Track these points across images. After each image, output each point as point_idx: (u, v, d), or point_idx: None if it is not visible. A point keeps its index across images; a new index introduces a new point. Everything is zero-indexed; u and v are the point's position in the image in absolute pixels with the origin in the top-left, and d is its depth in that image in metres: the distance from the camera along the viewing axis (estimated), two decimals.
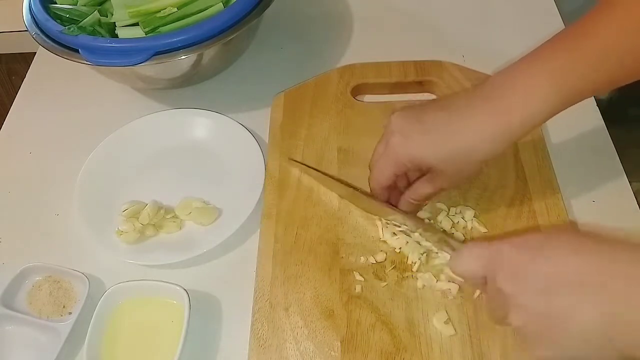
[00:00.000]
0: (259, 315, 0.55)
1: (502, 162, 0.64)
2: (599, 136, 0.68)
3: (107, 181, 0.69)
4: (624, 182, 0.64)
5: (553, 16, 0.83)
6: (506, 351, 0.51)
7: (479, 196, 0.61)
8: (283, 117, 0.71)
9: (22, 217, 0.69)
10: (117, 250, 0.62)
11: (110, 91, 0.80)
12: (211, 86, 0.79)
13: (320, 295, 0.56)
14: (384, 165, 0.54)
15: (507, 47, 0.78)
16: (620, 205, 0.62)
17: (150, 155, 0.72)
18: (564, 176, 0.63)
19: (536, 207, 0.60)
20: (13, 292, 0.60)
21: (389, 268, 0.57)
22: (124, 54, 0.65)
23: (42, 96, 0.82)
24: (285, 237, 0.60)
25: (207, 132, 0.73)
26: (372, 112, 0.70)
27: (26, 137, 0.77)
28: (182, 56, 0.65)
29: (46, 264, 0.62)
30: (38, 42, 0.69)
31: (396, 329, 0.53)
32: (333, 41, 0.83)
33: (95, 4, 0.74)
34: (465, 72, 0.73)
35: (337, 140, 0.68)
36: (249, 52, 0.80)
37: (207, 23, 0.66)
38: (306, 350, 0.53)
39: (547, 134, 0.68)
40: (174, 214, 0.65)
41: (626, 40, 0.46)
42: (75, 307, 0.59)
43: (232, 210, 0.64)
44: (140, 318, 0.57)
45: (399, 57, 0.75)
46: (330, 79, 0.74)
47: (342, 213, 0.62)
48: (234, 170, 0.69)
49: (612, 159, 0.66)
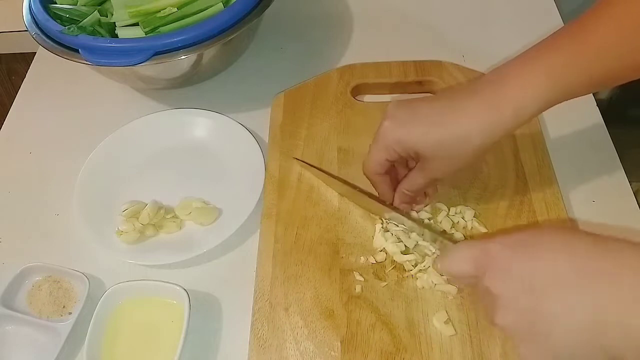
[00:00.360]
0: (259, 315, 0.55)
1: (502, 162, 0.64)
2: (598, 136, 0.68)
3: (107, 181, 0.69)
4: (624, 182, 0.64)
5: (553, 16, 0.83)
6: (506, 351, 0.51)
7: (479, 196, 0.61)
8: (283, 117, 0.71)
9: (22, 217, 0.69)
10: (117, 250, 0.62)
11: (110, 91, 0.80)
12: (211, 86, 0.79)
13: (320, 295, 0.56)
14: (375, 150, 0.54)
15: (507, 47, 0.77)
16: (620, 205, 0.62)
17: (150, 155, 0.72)
18: (563, 176, 0.63)
19: (536, 206, 0.60)
20: (13, 292, 0.60)
21: (389, 268, 0.57)
22: (124, 54, 0.65)
23: (42, 96, 0.82)
24: (285, 237, 0.60)
25: (207, 132, 0.73)
26: (372, 112, 0.70)
27: (26, 137, 0.77)
28: (182, 56, 0.65)
29: (46, 264, 0.62)
30: (38, 42, 0.69)
31: (396, 329, 0.53)
32: (333, 41, 0.83)
33: (95, 4, 0.74)
34: (465, 72, 0.73)
35: (337, 140, 0.68)
36: (249, 52, 0.80)
37: (207, 23, 0.66)
38: (306, 350, 0.53)
39: (547, 134, 0.68)
40: (174, 214, 0.65)
41: (624, 39, 0.46)
42: (75, 307, 0.59)
43: (232, 210, 0.64)
44: (140, 318, 0.57)
45: (399, 57, 0.76)
46: (330, 79, 0.74)
47: (342, 213, 0.62)
48: (234, 170, 0.69)
49: (612, 159, 0.66)
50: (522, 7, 0.85)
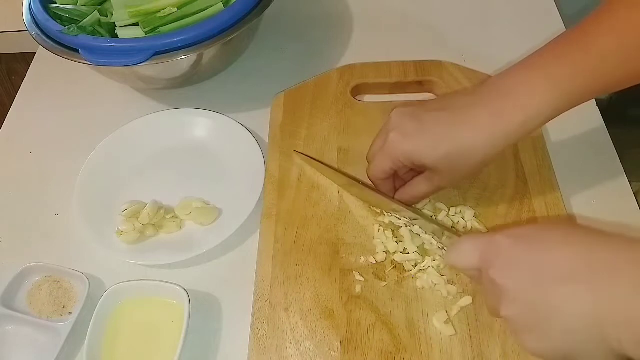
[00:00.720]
0: (259, 315, 0.55)
1: (502, 162, 0.64)
2: (599, 136, 0.68)
3: (107, 181, 0.69)
4: (624, 182, 0.64)
5: (553, 16, 0.83)
6: (506, 351, 0.51)
7: (479, 196, 0.61)
8: (283, 117, 0.71)
9: (22, 217, 0.69)
10: (117, 250, 0.62)
11: (110, 91, 0.80)
12: (211, 86, 0.79)
13: (320, 295, 0.56)
14: (381, 160, 0.54)
15: (507, 47, 0.78)
16: (620, 205, 0.62)
17: (150, 155, 0.72)
18: (563, 176, 0.63)
19: (536, 206, 0.60)
20: (13, 292, 0.60)
21: (389, 268, 0.57)
22: (124, 54, 0.65)
23: (42, 96, 0.82)
24: (285, 237, 0.60)
25: (207, 132, 0.73)
26: (372, 112, 0.70)
27: (26, 137, 0.77)
28: (182, 56, 0.65)
29: (46, 264, 0.62)
30: (38, 42, 0.69)
31: (396, 329, 0.53)
32: (333, 41, 0.83)
33: (95, 4, 0.74)
34: (465, 72, 0.73)
35: (337, 140, 0.68)
36: (249, 52, 0.80)
37: (207, 23, 0.66)
38: (306, 350, 0.53)
39: (547, 134, 0.68)
40: (174, 214, 0.65)
41: (627, 45, 0.46)
42: (75, 307, 0.59)
43: (232, 210, 0.64)
44: (140, 318, 0.57)
45: (399, 57, 0.76)
46: (330, 79, 0.74)
47: (342, 213, 0.62)
48: (234, 170, 0.69)
49: (612, 159, 0.66)
50: (522, 7, 0.85)
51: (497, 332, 0.52)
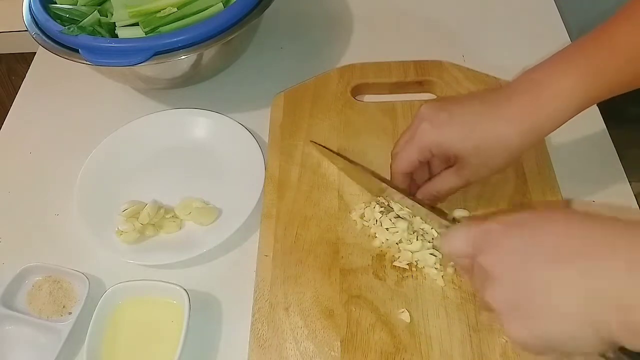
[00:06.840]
0: (259, 315, 0.55)
1: None
2: (599, 136, 0.68)
3: (107, 181, 0.68)
4: (624, 182, 0.64)
5: (553, 16, 0.83)
6: (506, 351, 0.51)
7: (479, 195, 0.61)
8: (283, 117, 0.71)
9: (22, 217, 0.69)
10: (117, 250, 0.62)
11: (110, 91, 0.80)
12: (211, 86, 0.79)
13: (320, 295, 0.56)
14: (410, 150, 0.54)
15: (507, 47, 0.78)
16: (620, 205, 0.62)
17: (150, 155, 0.72)
18: (563, 176, 0.63)
19: (536, 206, 0.60)
20: (13, 292, 0.60)
21: (389, 268, 0.57)
22: (124, 54, 0.65)
23: (42, 96, 0.82)
24: (285, 237, 0.60)
25: (207, 132, 0.73)
26: (372, 111, 0.70)
27: (26, 137, 0.77)
28: (182, 56, 0.65)
29: (46, 264, 0.62)
30: (38, 42, 0.69)
31: (396, 329, 0.53)
32: (333, 41, 0.83)
33: (95, 4, 0.74)
34: (465, 72, 0.73)
35: (337, 140, 0.68)
36: (249, 52, 0.80)
37: (207, 23, 0.66)
38: (306, 350, 0.53)
39: None
40: (174, 214, 0.65)
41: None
42: (75, 307, 0.59)
43: (232, 210, 0.64)
44: (140, 318, 0.57)
45: (399, 57, 0.76)
46: (330, 78, 0.74)
47: (342, 213, 0.62)
48: (234, 170, 0.69)
49: (612, 159, 0.66)
50: (522, 7, 0.85)
51: (497, 332, 0.52)
